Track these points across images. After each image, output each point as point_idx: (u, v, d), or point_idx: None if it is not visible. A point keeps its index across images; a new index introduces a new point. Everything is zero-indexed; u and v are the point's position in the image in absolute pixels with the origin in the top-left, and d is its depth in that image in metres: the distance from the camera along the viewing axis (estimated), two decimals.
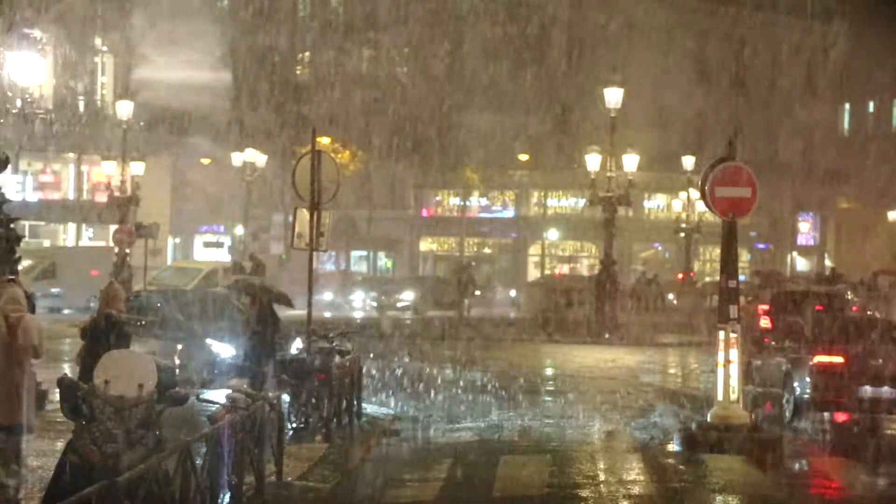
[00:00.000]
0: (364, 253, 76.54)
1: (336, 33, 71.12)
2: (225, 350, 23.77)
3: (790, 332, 21.89)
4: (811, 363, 19.72)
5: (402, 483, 15.17)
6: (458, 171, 72.85)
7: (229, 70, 61.97)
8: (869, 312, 30.91)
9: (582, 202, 62.53)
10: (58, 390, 10.22)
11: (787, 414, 20.18)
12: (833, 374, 19.41)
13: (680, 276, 59.99)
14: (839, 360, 19.55)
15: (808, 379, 19.68)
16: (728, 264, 17.81)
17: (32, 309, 14.76)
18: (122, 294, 16.18)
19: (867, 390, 19.30)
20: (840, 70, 75.12)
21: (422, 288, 50.16)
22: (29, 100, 23.19)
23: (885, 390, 19.28)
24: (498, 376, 27.36)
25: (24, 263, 17.99)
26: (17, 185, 49.84)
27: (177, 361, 21.78)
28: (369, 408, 20.33)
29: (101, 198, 49.51)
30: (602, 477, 15.63)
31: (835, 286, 36.85)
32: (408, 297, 50.54)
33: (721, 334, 17.61)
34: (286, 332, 19.61)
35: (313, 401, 17.07)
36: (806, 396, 19.74)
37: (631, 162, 42.43)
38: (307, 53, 73.66)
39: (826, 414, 20.62)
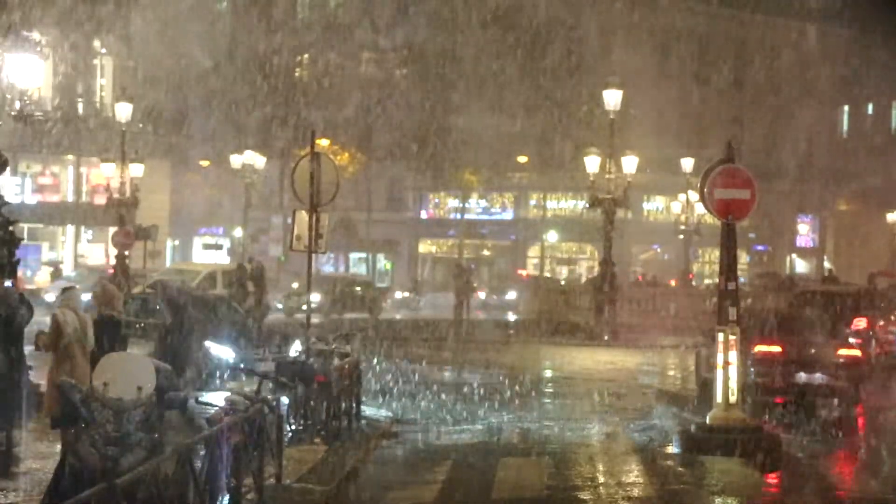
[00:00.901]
0: (363, 255, 76.59)
1: (335, 35, 71.16)
2: (224, 353, 23.77)
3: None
4: (752, 352, 21.10)
5: (401, 485, 15.17)
6: (457, 173, 72.92)
7: (228, 72, 62.03)
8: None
9: (581, 204, 62.54)
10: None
11: None
12: (771, 361, 21.09)
13: (639, 277, 59.97)
14: (777, 349, 21.33)
15: (750, 366, 21.00)
16: (727, 266, 17.81)
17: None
18: (118, 294, 16.19)
19: (802, 376, 20.90)
20: (839, 72, 75.22)
21: (331, 290, 48.71)
22: (28, 102, 23.16)
23: (818, 376, 21.05)
24: (496, 378, 27.35)
25: None
26: (16, 188, 49.90)
27: None
28: (368, 410, 20.32)
29: (100, 200, 49.51)
30: (601, 479, 15.64)
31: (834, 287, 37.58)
32: (314, 299, 49.20)
33: (720, 336, 17.60)
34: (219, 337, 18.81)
35: (312, 403, 17.04)
36: (749, 381, 20.82)
37: (630, 164, 42.44)
38: (306, 55, 73.72)
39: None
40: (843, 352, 21.81)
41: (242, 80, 63.15)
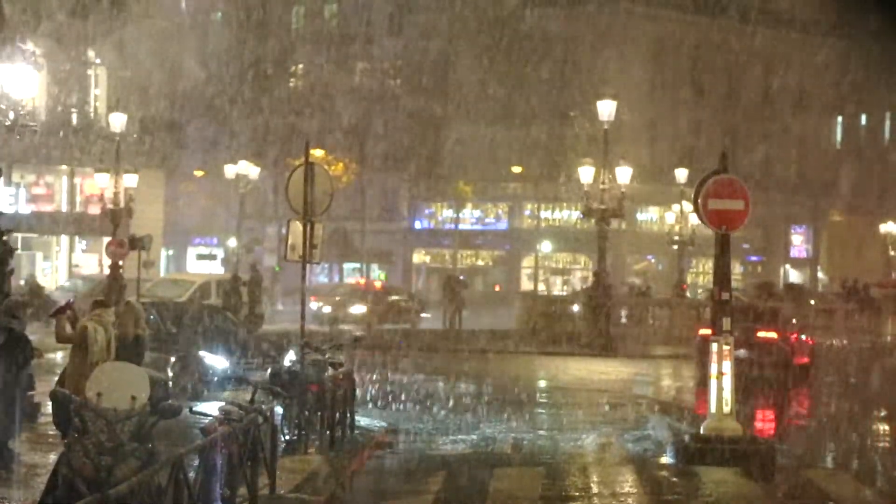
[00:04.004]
0: (357, 265, 76.56)
1: (329, 45, 71.20)
2: (218, 362, 23.76)
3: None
4: (698, 336, 27.59)
5: (395, 495, 15.15)
6: (452, 183, 72.93)
7: (222, 82, 62.04)
8: None
9: (575, 214, 62.50)
10: (50, 403, 10.21)
11: None
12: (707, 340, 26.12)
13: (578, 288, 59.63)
14: (709, 332, 25.49)
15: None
16: (721, 277, 17.81)
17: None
18: (143, 314, 16.24)
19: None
20: (833, 84, 75.35)
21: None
22: (22, 112, 23.14)
23: (741, 352, 23.81)
24: (490, 388, 27.34)
25: None
26: (9, 198, 49.80)
27: (169, 374, 21.77)
28: (362, 420, 20.29)
29: (95, 210, 49.39)
30: (595, 489, 15.61)
31: None
32: None
33: (714, 346, 17.59)
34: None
35: (307, 413, 17.02)
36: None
37: (624, 174, 42.49)
38: (300, 66, 73.75)
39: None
40: (761, 334, 27.78)
41: (236, 90, 63.15)
